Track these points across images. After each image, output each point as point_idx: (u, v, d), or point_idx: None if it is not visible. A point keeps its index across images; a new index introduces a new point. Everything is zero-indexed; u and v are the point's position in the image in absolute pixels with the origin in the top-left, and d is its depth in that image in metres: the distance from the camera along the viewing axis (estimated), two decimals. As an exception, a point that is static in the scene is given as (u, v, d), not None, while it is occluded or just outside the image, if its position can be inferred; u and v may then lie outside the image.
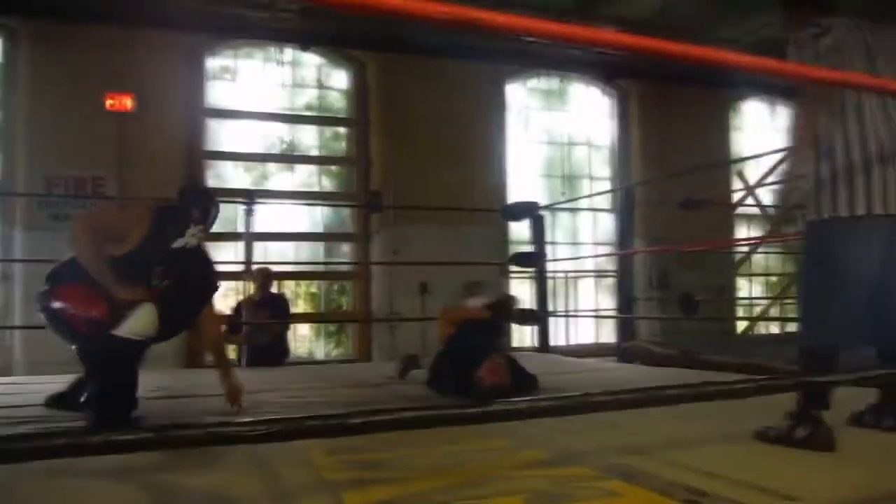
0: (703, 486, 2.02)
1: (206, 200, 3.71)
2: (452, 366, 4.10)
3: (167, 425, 1.09)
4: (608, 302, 10.45)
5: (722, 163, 10.67)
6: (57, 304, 3.16)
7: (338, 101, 9.69)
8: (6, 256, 7.90)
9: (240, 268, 6.04)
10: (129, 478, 2.24)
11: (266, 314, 6.51)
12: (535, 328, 7.47)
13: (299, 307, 9.28)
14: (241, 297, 6.69)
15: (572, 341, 9.66)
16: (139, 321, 3.12)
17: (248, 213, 5.64)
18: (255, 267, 6.55)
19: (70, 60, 8.01)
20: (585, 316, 9.93)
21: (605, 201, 10.65)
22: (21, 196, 7.90)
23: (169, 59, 8.47)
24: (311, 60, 9.43)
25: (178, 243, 3.41)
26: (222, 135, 9.02)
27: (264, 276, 6.66)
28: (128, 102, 8.14)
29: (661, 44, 1.46)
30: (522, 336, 9.38)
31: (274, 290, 6.99)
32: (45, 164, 7.94)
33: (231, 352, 5.99)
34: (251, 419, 1.07)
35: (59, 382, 3.82)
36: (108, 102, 8.08)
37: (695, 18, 8.73)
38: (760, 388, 1.72)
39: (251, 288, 6.53)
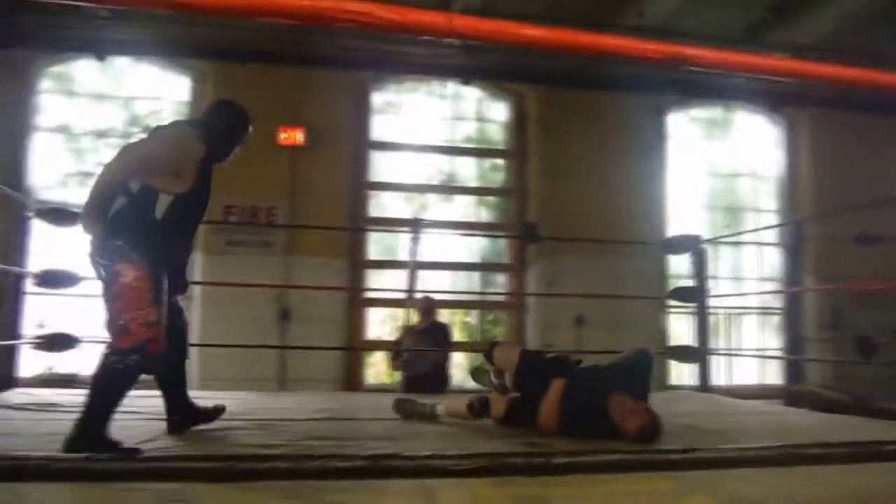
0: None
1: (249, 122, 3.64)
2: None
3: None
4: (774, 342, 9.92)
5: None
6: (117, 285, 3.08)
7: (496, 134, 9.85)
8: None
9: (402, 295, 6.20)
10: (298, 496, 2.30)
11: (428, 342, 6.63)
12: (695, 366, 7.19)
13: (454, 336, 9.41)
14: (405, 325, 6.84)
15: (734, 382, 9.20)
16: None
17: (414, 241, 5.79)
18: (418, 295, 6.71)
19: (247, 98, 8.52)
20: (749, 355, 9.45)
21: (771, 236, 10.16)
22: (201, 223, 8.52)
23: (337, 95, 8.95)
24: (471, 94, 9.66)
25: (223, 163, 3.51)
26: (385, 166, 9.38)
27: (428, 305, 6.80)
28: (299, 136, 8.65)
29: (833, 69, 1.40)
30: (681, 373, 9.06)
31: (438, 318, 7.12)
32: (224, 194, 8.53)
33: (392, 377, 6.16)
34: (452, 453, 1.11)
35: (229, 399, 4.08)
36: (282, 136, 8.63)
37: (870, 41, 8.23)
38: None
39: (414, 316, 6.68)
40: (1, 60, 8.32)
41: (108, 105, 8.90)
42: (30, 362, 7.74)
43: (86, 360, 7.62)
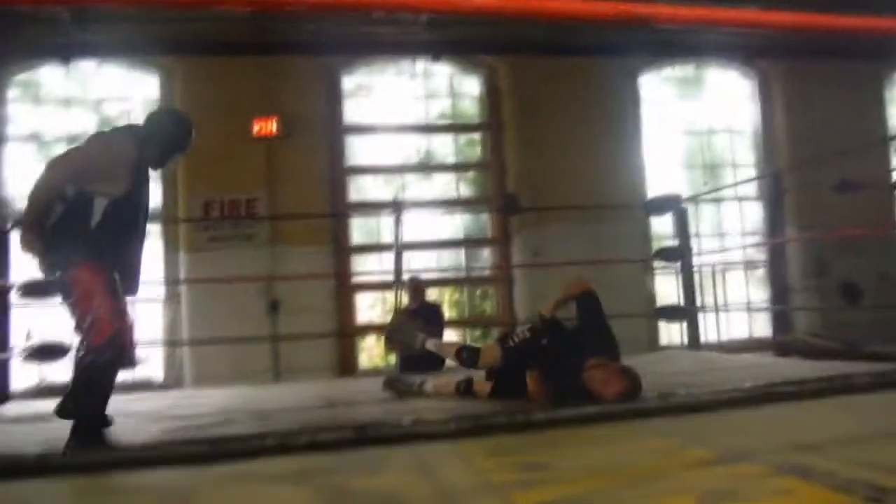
0: (886, 483, 1.92)
1: (191, 130, 3.64)
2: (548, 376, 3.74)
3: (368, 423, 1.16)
4: (760, 294, 10.01)
5: (879, 140, 9.97)
6: (75, 289, 3.18)
7: (470, 108, 9.83)
8: (172, 277, 8.50)
9: (390, 278, 6.19)
10: (305, 481, 2.36)
11: (420, 322, 6.65)
12: (684, 324, 7.26)
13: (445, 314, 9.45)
14: (399, 307, 6.87)
15: (724, 337, 9.29)
16: None
17: (397, 222, 5.78)
18: (407, 277, 6.72)
19: (217, 92, 8.55)
20: (737, 310, 9.54)
21: (750, 189, 10.23)
22: (181, 221, 8.51)
23: (308, 82, 8.90)
24: (442, 70, 9.63)
25: (158, 169, 3.58)
26: (362, 150, 9.35)
27: (417, 286, 6.83)
28: (273, 126, 8.59)
29: (803, 17, 1.39)
30: (671, 333, 9.14)
31: (427, 298, 7.14)
32: (203, 189, 8.51)
33: (386, 360, 6.20)
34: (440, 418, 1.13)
35: (225, 394, 4.09)
36: (256, 128, 8.58)
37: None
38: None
39: (404, 297, 6.70)
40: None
41: (77, 110, 8.81)
42: (22, 375, 7.70)
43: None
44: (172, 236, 8.59)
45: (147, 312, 8.39)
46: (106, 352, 3.11)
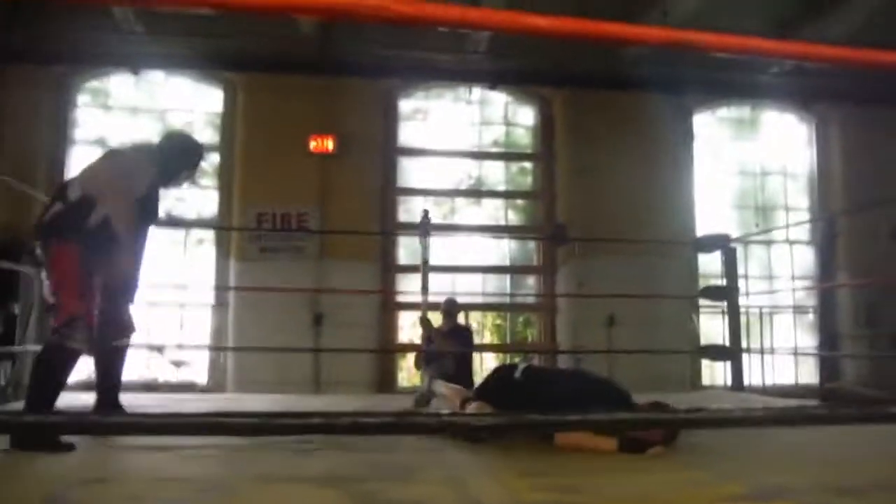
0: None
1: (201, 155, 3.88)
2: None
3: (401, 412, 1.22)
4: (808, 340, 9.82)
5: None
6: (53, 270, 3.38)
7: (524, 137, 9.91)
8: (223, 285, 8.69)
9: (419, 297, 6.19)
10: (335, 486, 2.41)
11: (453, 344, 6.70)
12: (728, 365, 7.16)
13: (485, 338, 9.49)
14: (427, 325, 6.93)
15: (769, 381, 9.11)
16: None
17: (425, 241, 5.78)
18: (442, 298, 6.81)
19: (278, 108, 8.77)
20: (783, 354, 9.36)
21: (802, 233, 10.08)
22: (234, 230, 8.72)
23: (366, 103, 9.08)
24: (498, 98, 9.73)
25: (166, 189, 3.73)
26: (413, 172, 9.48)
27: (450, 308, 6.89)
28: (329, 144, 8.77)
29: (851, 53, 1.40)
30: (714, 373, 9.02)
31: (460, 321, 7.18)
32: (256, 201, 8.72)
33: (420, 379, 6.25)
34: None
35: (266, 400, 4.17)
36: (312, 144, 8.77)
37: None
38: None
39: (434, 318, 6.79)
40: (42, 77, 8.58)
41: (142, 118, 9.11)
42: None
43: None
44: (225, 244, 8.79)
45: (196, 317, 8.58)
46: (65, 330, 3.21)
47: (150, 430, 1.22)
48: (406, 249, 9.30)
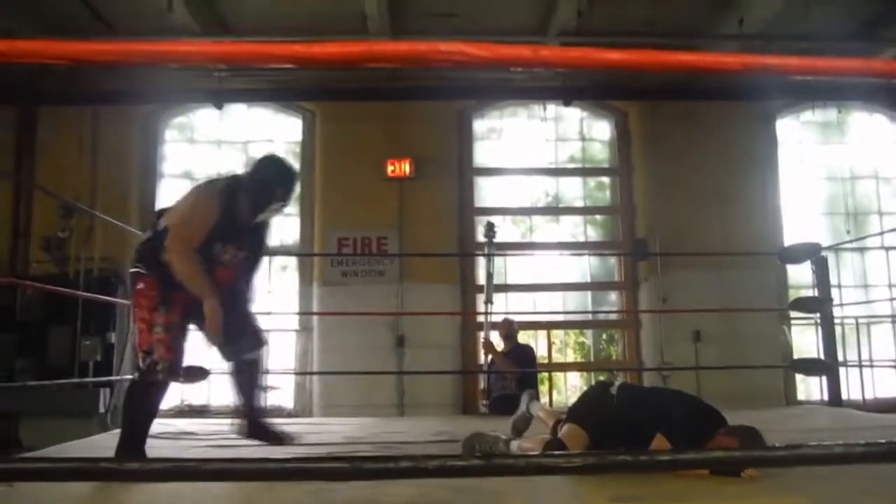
0: None
1: (290, 180, 3.58)
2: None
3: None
4: (911, 351, 9.32)
5: None
6: (133, 301, 3.38)
7: (600, 152, 9.82)
8: (306, 309, 8.88)
9: (482, 318, 6.17)
10: None
11: (513, 363, 6.70)
12: (824, 379, 6.88)
13: (568, 357, 9.40)
14: (490, 347, 6.95)
15: (868, 395, 8.69)
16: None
17: (488, 260, 5.77)
18: (501, 318, 6.86)
19: (355, 133, 8.95)
20: (884, 366, 8.92)
21: (899, 239, 9.62)
22: (316, 256, 8.90)
23: (440, 125, 9.18)
24: (572, 114, 9.67)
25: (259, 218, 3.51)
26: (491, 191, 9.50)
27: (508, 328, 6.90)
28: (406, 167, 8.89)
29: None
30: (809, 388, 8.69)
31: (519, 340, 7.17)
32: (337, 227, 8.89)
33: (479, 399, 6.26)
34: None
35: (351, 424, 4.21)
36: (390, 169, 8.90)
37: None
38: None
39: (494, 335, 6.83)
40: (133, 116, 9.00)
41: (225, 149, 9.44)
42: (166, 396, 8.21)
43: (216, 392, 8.04)
44: (307, 270, 8.99)
45: (281, 342, 8.78)
46: (146, 364, 3.25)
47: (234, 476, 1.24)
48: (485, 270, 9.30)
